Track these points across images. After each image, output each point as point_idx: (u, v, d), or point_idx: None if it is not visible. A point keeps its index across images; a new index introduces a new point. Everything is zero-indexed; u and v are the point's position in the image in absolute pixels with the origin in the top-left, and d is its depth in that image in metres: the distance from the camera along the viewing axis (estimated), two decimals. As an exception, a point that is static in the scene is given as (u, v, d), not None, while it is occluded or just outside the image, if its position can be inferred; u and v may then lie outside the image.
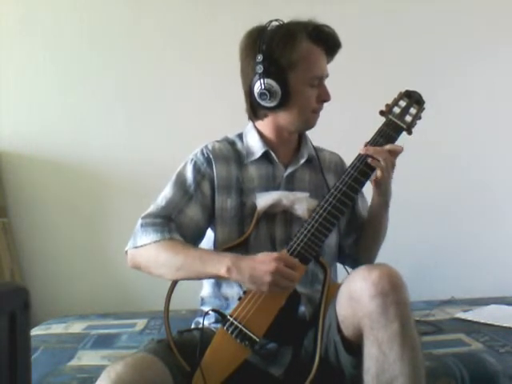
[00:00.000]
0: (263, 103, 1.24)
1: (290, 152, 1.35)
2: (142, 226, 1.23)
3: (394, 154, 1.21)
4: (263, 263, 1.09)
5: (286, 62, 1.21)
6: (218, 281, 1.28)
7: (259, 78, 1.21)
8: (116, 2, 2.28)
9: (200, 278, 1.25)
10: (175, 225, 1.23)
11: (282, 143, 1.33)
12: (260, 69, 1.20)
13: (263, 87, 1.21)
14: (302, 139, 1.37)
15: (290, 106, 1.25)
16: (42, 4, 2.24)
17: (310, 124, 1.31)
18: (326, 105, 1.30)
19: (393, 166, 1.21)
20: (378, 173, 1.20)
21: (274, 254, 1.11)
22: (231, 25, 2.21)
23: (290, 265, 1.11)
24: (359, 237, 1.39)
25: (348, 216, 1.39)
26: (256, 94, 1.23)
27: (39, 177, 2.26)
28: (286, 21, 1.25)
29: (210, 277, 1.23)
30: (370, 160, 1.18)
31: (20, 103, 2.26)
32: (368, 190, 1.30)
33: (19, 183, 2.24)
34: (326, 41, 1.26)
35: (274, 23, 1.24)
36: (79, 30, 2.25)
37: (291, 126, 1.29)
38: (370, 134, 1.23)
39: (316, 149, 1.38)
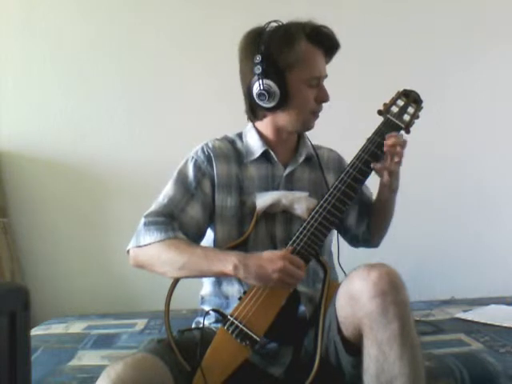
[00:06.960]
0: (262, 104, 1.24)
1: (289, 151, 1.36)
2: (145, 224, 1.22)
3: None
4: (270, 261, 1.10)
5: (284, 62, 1.21)
6: (219, 279, 1.28)
7: (258, 79, 1.21)
8: (116, 3, 2.28)
9: (205, 276, 1.26)
10: (178, 223, 1.23)
11: (281, 143, 1.33)
12: (258, 69, 1.20)
13: (262, 88, 1.21)
14: (300, 138, 1.37)
15: (289, 106, 1.25)
16: (43, 4, 2.24)
17: (308, 125, 1.31)
18: (324, 104, 1.30)
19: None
20: (396, 159, 1.20)
21: (280, 253, 1.12)
22: (231, 26, 2.20)
23: (295, 263, 1.12)
24: (370, 222, 1.41)
25: (357, 206, 1.40)
26: (255, 95, 1.24)
27: (39, 177, 2.26)
28: (284, 22, 1.25)
29: (215, 275, 1.23)
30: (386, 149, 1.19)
31: (20, 103, 2.26)
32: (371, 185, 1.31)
33: (19, 183, 2.24)
34: (325, 42, 1.26)
35: (273, 24, 1.24)
36: (79, 30, 2.25)
37: (290, 126, 1.29)
38: (367, 133, 1.24)
39: (314, 147, 1.39)
